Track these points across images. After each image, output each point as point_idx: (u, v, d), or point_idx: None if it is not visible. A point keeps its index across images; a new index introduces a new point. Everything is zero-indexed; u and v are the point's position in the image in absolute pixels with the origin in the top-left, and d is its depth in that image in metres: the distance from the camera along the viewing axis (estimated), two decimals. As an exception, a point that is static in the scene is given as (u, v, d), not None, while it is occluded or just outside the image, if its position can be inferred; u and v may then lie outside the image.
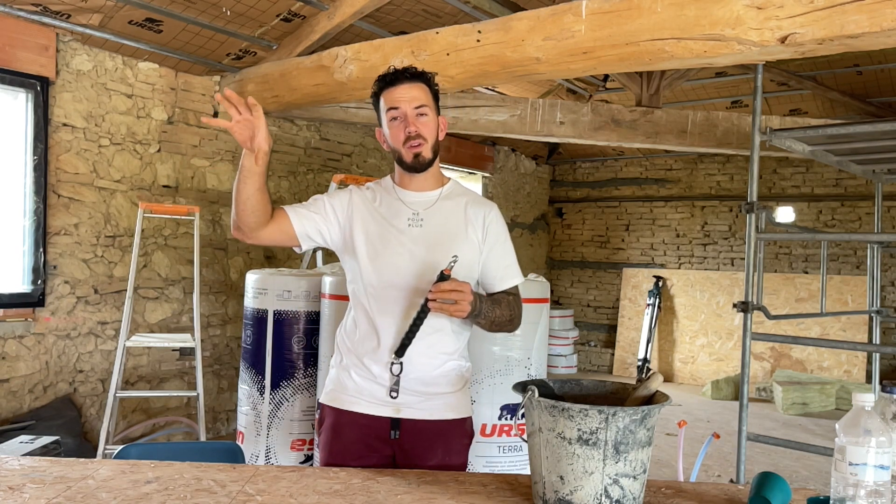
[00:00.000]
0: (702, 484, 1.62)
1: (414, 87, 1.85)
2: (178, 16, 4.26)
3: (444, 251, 1.81)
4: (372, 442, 1.84)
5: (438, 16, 4.81)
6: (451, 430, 1.87)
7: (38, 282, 4.12)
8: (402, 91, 1.84)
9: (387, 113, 1.85)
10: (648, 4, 2.99)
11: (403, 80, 1.85)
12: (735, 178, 8.28)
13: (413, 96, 1.84)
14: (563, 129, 5.20)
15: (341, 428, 1.86)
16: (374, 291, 1.85)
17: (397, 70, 1.86)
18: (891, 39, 2.63)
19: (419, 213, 1.88)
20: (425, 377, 1.83)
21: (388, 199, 1.92)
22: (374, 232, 1.87)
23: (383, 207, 1.90)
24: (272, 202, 1.86)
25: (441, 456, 1.84)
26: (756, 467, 4.59)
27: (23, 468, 1.59)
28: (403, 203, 1.90)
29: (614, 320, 8.89)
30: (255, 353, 3.59)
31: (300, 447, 3.51)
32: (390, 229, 1.86)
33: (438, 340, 1.84)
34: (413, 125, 1.83)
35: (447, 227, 1.87)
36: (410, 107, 1.83)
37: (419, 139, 1.83)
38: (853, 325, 7.21)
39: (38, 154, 4.10)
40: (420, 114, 1.84)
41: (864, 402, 1.25)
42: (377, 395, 1.83)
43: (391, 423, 1.83)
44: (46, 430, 3.82)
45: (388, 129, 1.86)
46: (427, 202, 1.90)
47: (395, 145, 1.86)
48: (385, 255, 1.84)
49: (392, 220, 1.87)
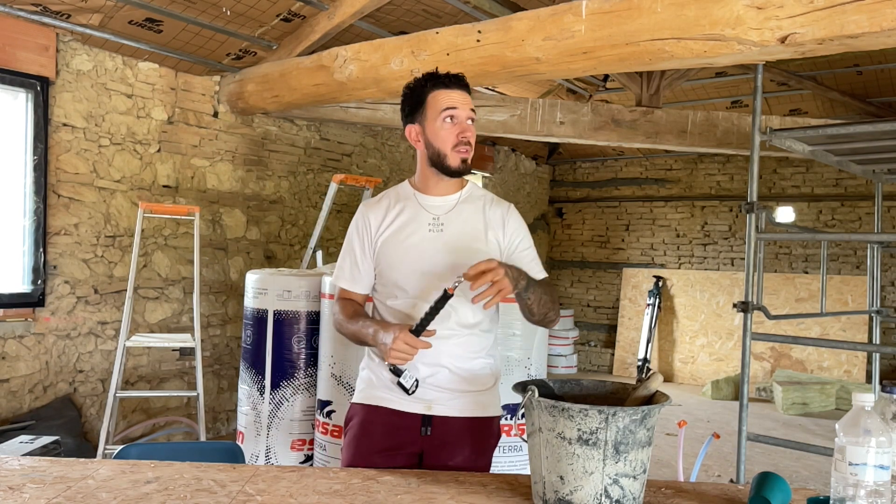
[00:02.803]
0: (702, 484, 1.62)
1: (465, 96, 1.86)
2: (178, 16, 4.26)
3: (465, 255, 1.81)
4: (401, 439, 1.84)
5: (438, 16, 4.81)
6: (480, 429, 1.87)
7: (38, 282, 4.12)
8: (460, 96, 1.85)
9: (443, 111, 1.82)
10: (648, 4, 2.99)
11: (460, 86, 1.86)
12: (735, 178, 8.28)
13: (468, 102, 1.85)
14: (563, 129, 5.20)
15: (370, 425, 1.86)
16: (399, 296, 1.87)
17: (456, 74, 1.87)
18: (891, 39, 2.63)
19: (439, 218, 1.88)
20: (456, 375, 1.84)
21: (409, 205, 1.91)
22: (394, 242, 1.88)
23: (403, 215, 1.90)
24: (355, 302, 1.96)
25: (468, 454, 1.84)
26: (756, 467, 4.59)
27: (23, 468, 1.59)
28: (424, 208, 1.90)
29: (614, 320, 8.89)
30: (255, 353, 3.59)
31: (300, 447, 3.51)
32: (411, 237, 1.87)
33: (468, 339, 1.85)
34: (468, 131, 1.83)
35: (467, 230, 1.87)
36: (466, 112, 1.84)
37: (469, 146, 1.84)
38: (853, 325, 7.21)
39: (38, 154, 4.10)
40: (471, 120, 1.86)
41: (864, 402, 1.25)
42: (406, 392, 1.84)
43: (422, 420, 1.83)
44: (46, 430, 3.82)
45: (440, 128, 1.83)
46: (447, 206, 1.90)
47: (442, 146, 1.84)
48: (407, 263, 1.85)
49: (412, 227, 1.88)
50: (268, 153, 5.55)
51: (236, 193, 5.31)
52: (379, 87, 4.14)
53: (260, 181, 5.49)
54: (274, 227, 5.63)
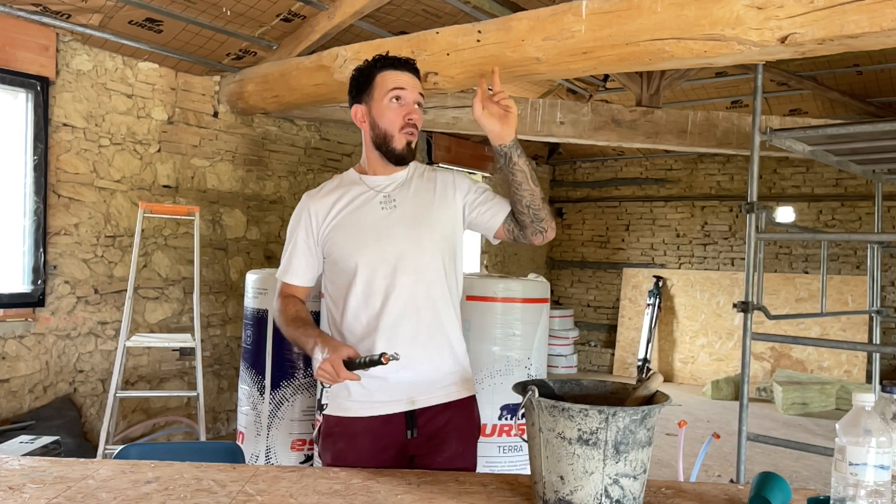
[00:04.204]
0: (702, 484, 1.62)
1: (414, 79, 1.86)
2: (178, 16, 4.26)
3: (424, 224, 1.83)
4: (388, 445, 1.80)
5: (438, 16, 4.81)
6: (461, 416, 1.86)
7: (38, 282, 4.12)
8: (408, 78, 1.84)
9: (389, 91, 1.81)
10: (648, 4, 2.99)
11: (408, 69, 1.85)
12: (735, 178, 8.28)
13: (416, 85, 1.85)
14: (563, 129, 5.19)
15: (354, 437, 1.80)
16: (360, 286, 1.81)
17: (405, 58, 1.87)
18: (891, 39, 2.63)
19: (390, 195, 1.87)
20: (436, 366, 1.83)
21: (355, 190, 1.89)
22: (347, 226, 1.84)
23: (353, 201, 1.87)
24: (297, 299, 1.95)
25: (455, 446, 1.83)
26: (756, 467, 4.58)
27: (23, 468, 1.59)
28: (372, 189, 1.88)
29: (614, 320, 8.89)
30: (255, 353, 3.59)
31: (300, 447, 3.51)
32: (365, 218, 1.84)
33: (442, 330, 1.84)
34: (415, 114, 1.83)
35: (421, 201, 1.87)
36: (413, 94, 1.83)
37: (414, 129, 1.84)
38: (853, 325, 7.21)
39: (38, 154, 4.10)
40: (419, 104, 1.85)
41: (864, 402, 1.25)
42: (387, 392, 1.79)
43: (406, 419, 1.80)
44: (46, 430, 3.81)
45: (386, 108, 1.82)
46: (396, 183, 1.89)
47: (388, 127, 1.83)
48: (366, 244, 1.82)
49: (364, 210, 1.85)
50: (268, 153, 5.55)
51: (236, 193, 5.31)
52: (379, 87, 4.13)
53: (260, 181, 5.49)
54: (274, 227, 5.63)
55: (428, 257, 1.83)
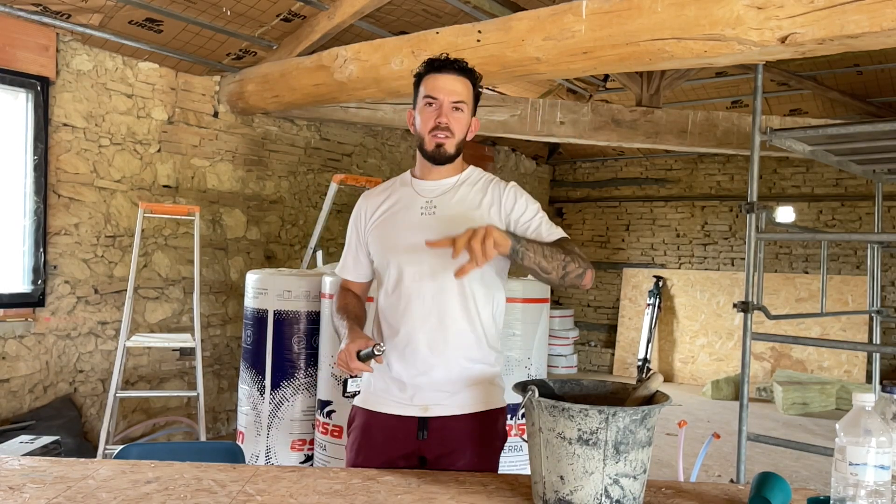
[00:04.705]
0: (702, 484, 1.61)
1: (458, 81, 1.83)
2: (178, 16, 4.26)
3: (457, 233, 1.74)
4: (398, 443, 1.81)
5: (438, 16, 4.81)
6: (482, 428, 1.82)
7: (38, 282, 4.12)
8: (445, 81, 1.82)
9: (425, 96, 1.83)
10: (648, 4, 2.99)
11: (450, 70, 1.83)
12: (735, 178, 8.27)
13: (454, 89, 1.82)
14: (564, 129, 5.20)
15: (371, 429, 1.86)
16: (390, 286, 1.85)
17: (448, 59, 1.85)
18: (891, 39, 2.63)
19: (432, 201, 1.86)
20: (453, 374, 1.80)
21: (404, 191, 1.91)
22: (385, 227, 1.88)
23: (398, 202, 1.90)
24: (351, 293, 2.00)
25: (470, 458, 1.79)
26: (756, 467, 4.58)
27: (23, 468, 1.59)
28: (418, 193, 1.89)
29: (614, 320, 8.89)
30: (255, 353, 3.59)
31: (300, 447, 3.51)
32: (402, 222, 1.86)
33: (464, 337, 1.81)
34: (445, 117, 1.81)
35: (460, 210, 1.82)
36: (448, 98, 1.82)
37: (446, 132, 1.82)
38: (853, 325, 7.21)
39: (39, 154, 4.10)
40: (456, 108, 1.82)
41: (864, 402, 1.25)
42: (403, 394, 1.82)
43: (419, 423, 1.80)
44: (46, 430, 3.81)
45: (421, 112, 1.84)
46: (441, 190, 1.88)
47: (421, 130, 1.84)
48: (397, 249, 1.84)
49: (404, 213, 1.87)
50: (268, 153, 5.55)
51: (236, 193, 5.31)
52: (379, 87, 4.14)
53: (260, 181, 5.49)
54: (274, 227, 5.63)
55: (450, 268, 1.76)
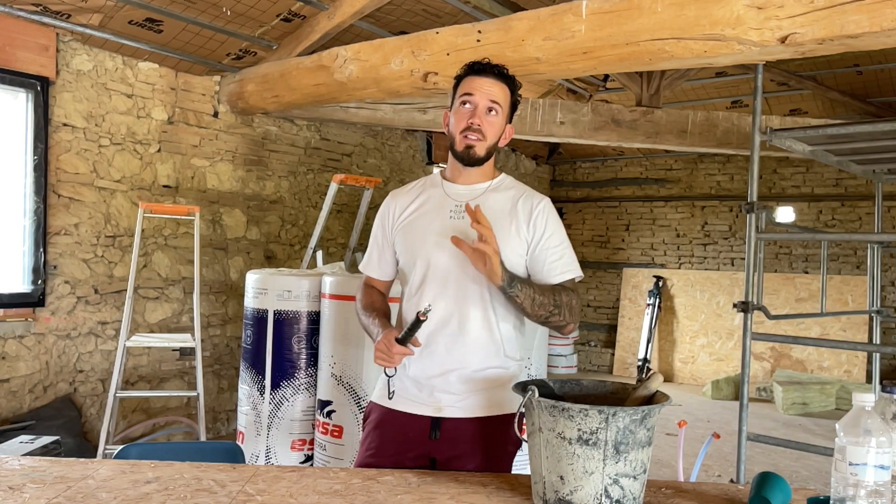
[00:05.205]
0: (702, 484, 1.62)
1: (496, 85, 1.83)
2: (178, 16, 4.26)
3: None
4: (410, 442, 1.80)
5: (438, 16, 4.81)
6: (494, 433, 1.80)
7: (38, 282, 4.12)
8: (484, 83, 1.82)
9: (460, 97, 1.83)
10: (648, 4, 2.99)
11: (490, 74, 1.83)
12: (735, 178, 8.28)
13: (491, 92, 1.82)
14: (564, 129, 5.19)
15: (385, 424, 1.85)
16: (414, 288, 1.85)
17: (489, 63, 1.85)
18: (891, 39, 2.63)
19: (461, 206, 1.83)
20: (468, 378, 1.79)
21: (433, 193, 1.90)
22: (414, 228, 1.87)
23: (427, 203, 1.89)
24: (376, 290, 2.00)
25: (481, 461, 1.77)
26: (756, 467, 4.58)
27: (23, 468, 1.59)
28: (448, 196, 1.87)
29: (614, 320, 8.89)
30: (255, 353, 3.59)
31: (300, 447, 3.51)
32: (430, 224, 1.84)
33: (481, 342, 1.80)
34: (478, 118, 1.81)
35: (489, 218, 1.76)
36: (484, 100, 1.81)
37: (478, 134, 1.81)
38: (853, 325, 7.21)
39: (39, 154, 4.10)
40: (491, 110, 1.82)
41: (864, 402, 1.25)
42: (418, 392, 1.82)
43: (431, 422, 1.80)
44: (46, 430, 3.81)
45: (455, 113, 1.85)
46: (472, 195, 1.86)
47: (453, 130, 1.84)
48: (424, 251, 1.83)
49: (433, 215, 1.86)
50: (268, 153, 5.55)
51: (236, 193, 5.31)
52: (379, 87, 4.14)
53: (260, 181, 5.49)
54: (274, 227, 5.63)
55: (472, 275, 1.77)
